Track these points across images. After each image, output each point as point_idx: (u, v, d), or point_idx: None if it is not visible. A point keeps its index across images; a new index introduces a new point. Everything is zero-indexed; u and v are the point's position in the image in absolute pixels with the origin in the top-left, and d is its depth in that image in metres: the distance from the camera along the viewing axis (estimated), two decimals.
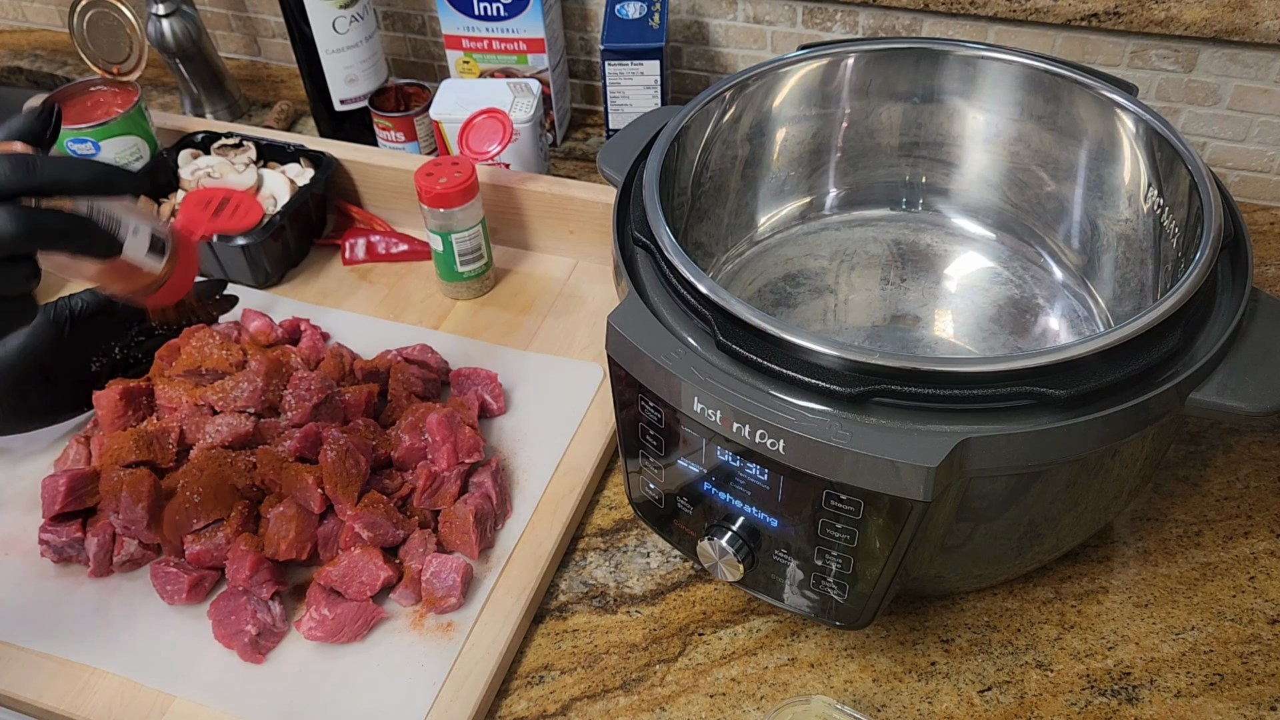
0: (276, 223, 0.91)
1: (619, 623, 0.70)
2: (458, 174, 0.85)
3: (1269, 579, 0.70)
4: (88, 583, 0.72)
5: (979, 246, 0.82)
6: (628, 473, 0.67)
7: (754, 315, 0.56)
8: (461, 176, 0.85)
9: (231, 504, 0.71)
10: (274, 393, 0.78)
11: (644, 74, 0.99)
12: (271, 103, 1.21)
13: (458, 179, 0.85)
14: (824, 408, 0.54)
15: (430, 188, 0.85)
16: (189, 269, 0.60)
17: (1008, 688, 0.65)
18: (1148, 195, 0.70)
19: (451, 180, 0.85)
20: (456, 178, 0.85)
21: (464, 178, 0.85)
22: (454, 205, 0.86)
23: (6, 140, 0.52)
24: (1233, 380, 0.56)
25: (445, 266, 0.90)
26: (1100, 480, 0.60)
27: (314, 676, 0.66)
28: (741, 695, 0.66)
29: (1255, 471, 0.76)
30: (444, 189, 0.85)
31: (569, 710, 0.65)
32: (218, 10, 1.25)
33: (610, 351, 0.60)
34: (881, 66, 0.78)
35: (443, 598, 0.68)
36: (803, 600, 0.62)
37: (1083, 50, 0.95)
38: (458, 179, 0.85)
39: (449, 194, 0.85)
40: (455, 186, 0.85)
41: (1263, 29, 0.87)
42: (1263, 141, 0.96)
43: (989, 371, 0.53)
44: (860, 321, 0.78)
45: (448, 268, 0.90)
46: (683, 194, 0.74)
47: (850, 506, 0.55)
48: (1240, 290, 0.60)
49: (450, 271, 0.90)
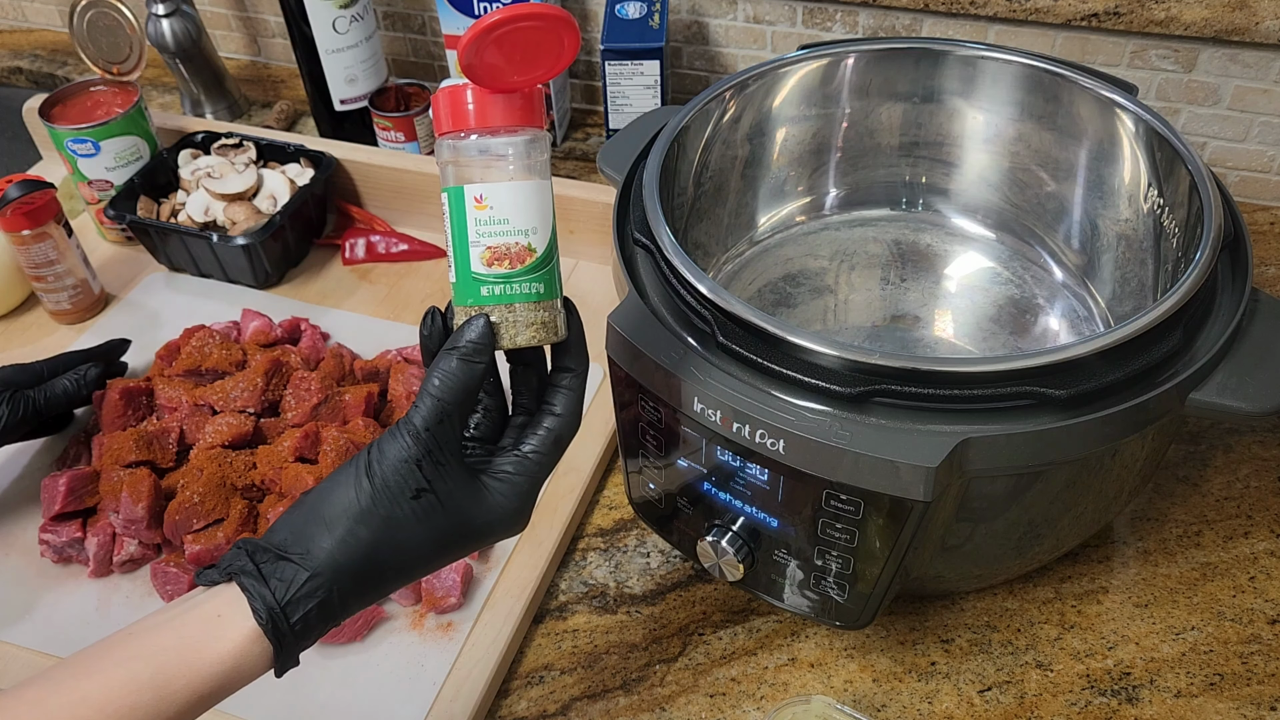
0: (276, 223, 0.91)
1: (619, 623, 0.70)
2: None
3: (1269, 579, 0.70)
4: (88, 583, 0.72)
5: (979, 246, 0.82)
6: (628, 473, 0.67)
7: (754, 315, 0.56)
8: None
9: (231, 504, 0.71)
10: (274, 393, 0.78)
11: (644, 74, 0.99)
12: (271, 103, 1.21)
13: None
14: (824, 408, 0.54)
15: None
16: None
17: (1008, 688, 0.65)
18: (1148, 195, 0.70)
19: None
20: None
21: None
22: (500, 124, 0.47)
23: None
24: (1233, 380, 0.56)
25: (461, 261, 0.48)
26: (1100, 480, 0.60)
27: (314, 676, 0.66)
28: (741, 695, 0.66)
29: (1255, 471, 0.76)
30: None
31: (569, 710, 0.65)
32: (218, 10, 1.25)
33: (610, 351, 0.60)
34: (881, 66, 0.78)
35: (443, 598, 0.68)
36: (803, 600, 0.62)
37: (1083, 50, 0.95)
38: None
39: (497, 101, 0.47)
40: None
41: (1263, 29, 0.87)
42: (1263, 141, 0.95)
43: (989, 371, 0.53)
44: (860, 321, 0.78)
45: (463, 263, 0.48)
46: (683, 194, 0.74)
47: (850, 506, 0.55)
48: (1240, 290, 0.60)
49: (465, 274, 0.48)
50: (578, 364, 0.52)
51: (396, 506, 0.47)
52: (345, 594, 0.47)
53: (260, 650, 0.45)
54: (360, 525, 0.46)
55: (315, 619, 0.46)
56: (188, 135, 1.00)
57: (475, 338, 0.48)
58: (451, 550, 0.49)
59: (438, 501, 0.47)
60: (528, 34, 0.45)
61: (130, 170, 0.95)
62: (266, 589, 0.45)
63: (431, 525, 0.48)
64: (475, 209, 0.47)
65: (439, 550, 0.49)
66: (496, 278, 0.48)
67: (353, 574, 0.46)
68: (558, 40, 0.46)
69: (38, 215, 0.86)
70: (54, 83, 1.29)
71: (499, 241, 0.47)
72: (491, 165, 0.47)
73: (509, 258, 0.48)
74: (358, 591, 0.47)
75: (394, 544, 0.47)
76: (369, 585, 0.48)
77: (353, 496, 0.47)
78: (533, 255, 0.48)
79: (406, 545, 0.48)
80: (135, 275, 0.97)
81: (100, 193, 0.96)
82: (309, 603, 0.45)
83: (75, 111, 0.95)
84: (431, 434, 0.47)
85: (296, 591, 0.45)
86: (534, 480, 0.50)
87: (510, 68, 0.46)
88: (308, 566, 0.46)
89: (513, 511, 0.50)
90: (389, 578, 0.48)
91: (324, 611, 0.46)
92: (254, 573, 0.46)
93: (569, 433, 0.51)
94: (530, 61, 0.46)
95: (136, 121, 0.94)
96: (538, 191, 0.48)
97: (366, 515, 0.46)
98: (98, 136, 0.92)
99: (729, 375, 0.56)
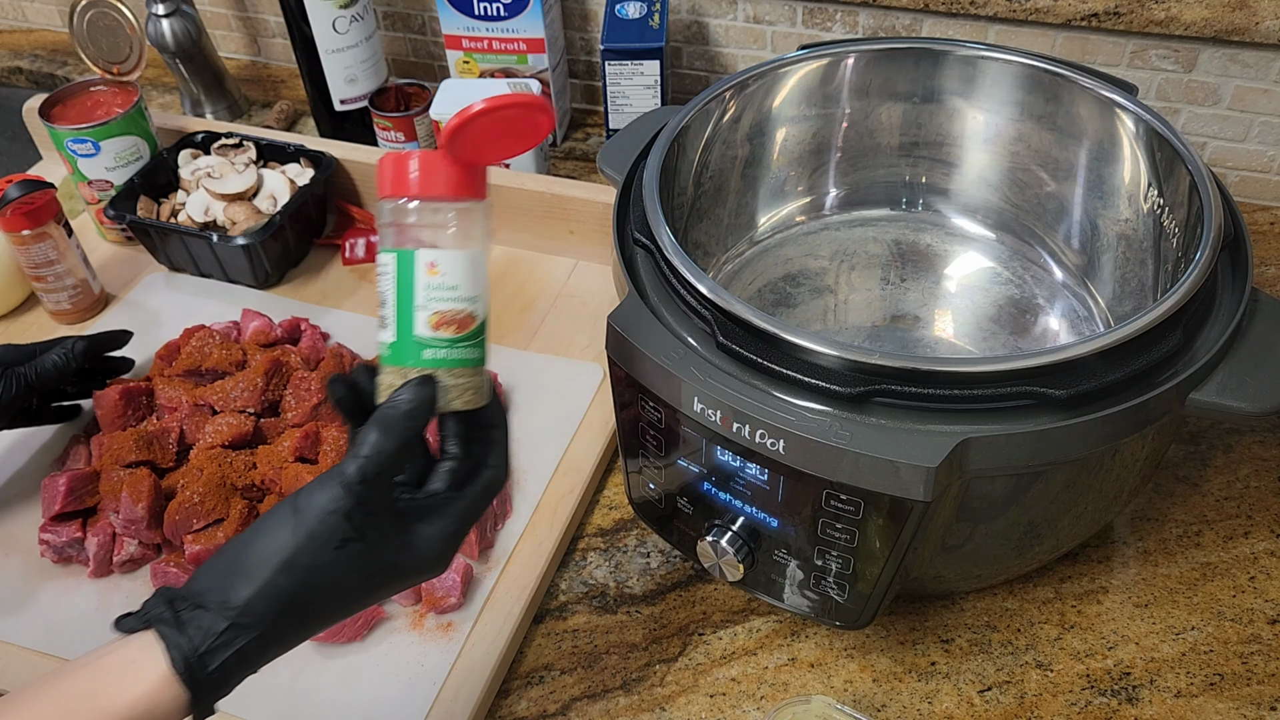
0: (276, 223, 0.91)
1: (619, 623, 0.70)
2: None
3: (1269, 579, 0.70)
4: (88, 583, 0.72)
5: (979, 246, 0.82)
6: (628, 473, 0.67)
7: (754, 315, 0.56)
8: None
9: (231, 504, 0.71)
10: (274, 393, 0.78)
11: (644, 74, 0.99)
12: (271, 103, 1.21)
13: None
14: (824, 408, 0.54)
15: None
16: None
17: (1008, 688, 0.65)
18: (1148, 195, 0.70)
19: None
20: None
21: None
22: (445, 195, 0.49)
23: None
24: (1233, 380, 0.56)
25: (404, 323, 0.49)
26: (1100, 480, 0.60)
27: (314, 676, 0.66)
28: (741, 695, 0.66)
29: (1255, 471, 0.76)
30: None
31: (569, 710, 0.65)
32: (218, 10, 1.25)
33: (610, 351, 0.60)
34: (881, 66, 0.78)
35: (443, 598, 0.68)
36: (803, 600, 0.62)
37: (1083, 50, 0.95)
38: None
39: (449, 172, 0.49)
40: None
41: (1263, 29, 0.87)
42: (1263, 141, 0.95)
43: (989, 371, 0.53)
44: (860, 321, 0.78)
45: (406, 325, 0.49)
46: (683, 194, 0.74)
47: (850, 506, 0.55)
48: (1240, 290, 0.60)
49: (408, 337, 0.49)
50: (501, 419, 0.53)
51: (321, 555, 0.47)
52: (266, 641, 0.47)
53: (173, 696, 0.45)
54: (281, 575, 0.46)
55: (233, 667, 0.46)
56: (188, 135, 1.00)
57: (419, 398, 0.49)
58: (375, 594, 0.50)
59: (365, 549, 0.48)
60: (508, 119, 0.48)
61: (130, 170, 0.95)
62: (183, 637, 0.45)
63: (357, 570, 0.48)
64: (428, 274, 0.48)
65: (362, 595, 0.49)
66: (442, 342, 0.49)
67: (274, 621, 0.46)
68: (534, 124, 0.49)
69: (38, 215, 0.86)
70: (54, 83, 1.29)
71: (448, 307, 0.49)
72: (446, 231, 0.49)
73: (456, 323, 0.49)
74: (280, 638, 0.47)
75: (317, 590, 0.47)
76: (290, 631, 0.48)
77: (275, 546, 0.47)
78: (475, 322, 0.50)
79: (330, 592, 0.48)
80: (135, 275, 0.97)
81: (100, 193, 0.96)
82: (225, 651, 0.45)
83: (75, 111, 0.95)
84: (366, 486, 0.47)
85: (214, 641, 0.45)
86: (464, 525, 0.51)
87: (486, 146, 0.49)
88: (226, 616, 0.46)
89: (438, 555, 0.50)
90: (310, 624, 0.48)
91: (242, 660, 0.46)
92: (171, 620, 0.46)
93: (499, 482, 0.53)
94: (506, 142, 0.49)
95: (136, 121, 0.94)
96: (483, 261, 0.50)
97: (289, 565, 0.46)
98: (98, 136, 0.92)
99: (729, 375, 0.56)
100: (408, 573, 0.50)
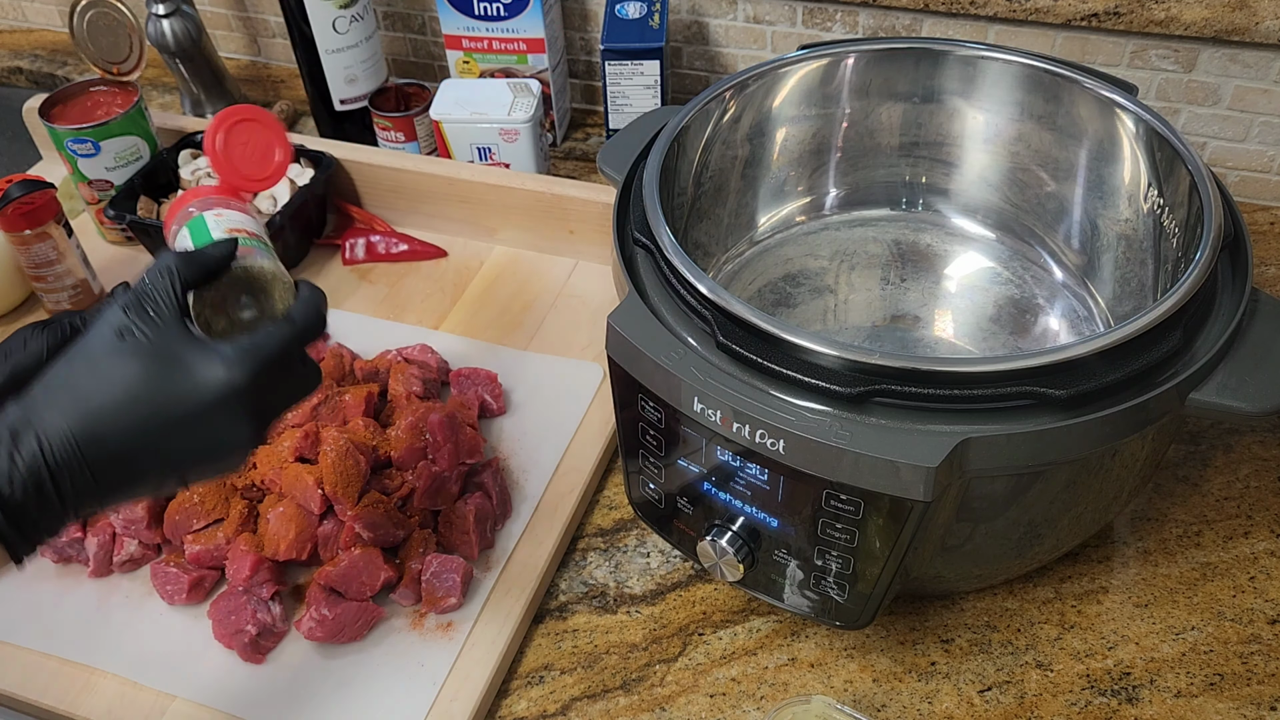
0: (276, 223, 0.91)
1: (619, 623, 0.70)
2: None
3: (1269, 579, 0.70)
4: (88, 583, 0.72)
5: (979, 246, 0.82)
6: (628, 473, 0.67)
7: (754, 315, 0.56)
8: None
9: (231, 504, 0.71)
10: None
11: (644, 74, 0.99)
12: (271, 103, 1.21)
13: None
14: (824, 408, 0.54)
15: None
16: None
17: (1008, 688, 0.65)
18: (1148, 195, 0.70)
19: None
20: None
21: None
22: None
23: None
24: (1233, 380, 0.56)
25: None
26: (1100, 480, 0.60)
27: (314, 676, 0.66)
28: (741, 695, 0.66)
29: (1255, 471, 0.76)
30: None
31: (569, 710, 0.65)
32: (218, 10, 1.25)
33: (610, 351, 0.60)
34: (881, 66, 0.78)
35: (443, 598, 0.68)
36: (803, 600, 0.62)
37: (1083, 50, 0.95)
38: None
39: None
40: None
41: (1263, 29, 0.87)
42: (1263, 141, 0.96)
43: (989, 371, 0.53)
44: (860, 321, 0.78)
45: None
46: (683, 194, 0.74)
47: (850, 506, 0.55)
48: (1240, 290, 0.60)
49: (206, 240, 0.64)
50: (313, 289, 0.56)
51: (99, 344, 0.49)
52: (63, 448, 0.46)
53: None
54: (64, 364, 0.48)
55: (34, 482, 0.46)
56: (188, 135, 1.00)
57: (219, 245, 0.56)
58: (172, 433, 0.48)
59: (146, 346, 0.48)
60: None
61: (130, 170, 0.95)
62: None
63: (137, 375, 0.48)
64: (215, 218, 0.63)
65: (155, 416, 0.48)
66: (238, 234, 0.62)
67: (60, 413, 0.47)
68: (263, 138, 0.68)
69: (38, 215, 0.86)
70: (54, 83, 1.29)
71: (236, 226, 0.62)
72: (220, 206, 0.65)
73: (243, 232, 0.62)
74: (71, 448, 0.46)
75: (101, 384, 0.47)
76: (89, 444, 0.47)
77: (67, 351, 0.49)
78: (255, 236, 0.63)
79: (116, 394, 0.47)
80: (135, 275, 0.97)
81: (100, 193, 0.96)
82: (20, 454, 0.45)
83: (75, 111, 0.95)
84: (150, 284, 0.50)
85: (7, 448, 0.46)
86: (261, 350, 0.50)
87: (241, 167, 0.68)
88: (12, 414, 0.46)
89: (223, 383, 0.48)
90: (108, 443, 0.47)
91: (41, 477, 0.46)
92: None
93: (307, 326, 0.53)
94: (253, 161, 0.68)
95: (136, 121, 0.94)
96: (257, 222, 0.66)
97: (70, 357, 0.48)
98: (98, 136, 0.92)
99: (729, 375, 0.56)
100: (198, 407, 0.48)
